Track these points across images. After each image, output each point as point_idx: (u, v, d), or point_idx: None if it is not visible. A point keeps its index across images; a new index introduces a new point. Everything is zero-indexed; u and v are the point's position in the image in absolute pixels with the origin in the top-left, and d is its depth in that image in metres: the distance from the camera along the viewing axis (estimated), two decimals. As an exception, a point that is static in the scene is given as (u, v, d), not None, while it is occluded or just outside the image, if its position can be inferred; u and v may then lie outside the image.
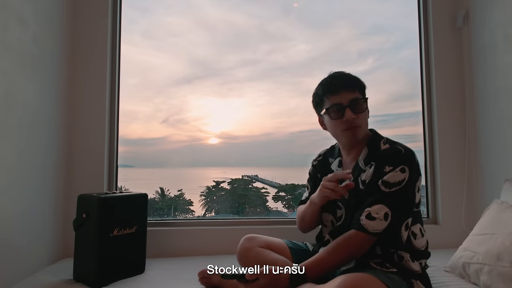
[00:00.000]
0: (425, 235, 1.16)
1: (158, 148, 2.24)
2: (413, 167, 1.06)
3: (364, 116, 1.16)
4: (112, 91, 1.90)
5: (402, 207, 1.05)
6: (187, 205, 2.29)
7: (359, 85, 1.17)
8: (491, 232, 1.32)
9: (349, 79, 1.17)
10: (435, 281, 1.33)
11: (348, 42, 2.27)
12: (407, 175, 1.04)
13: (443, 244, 1.83)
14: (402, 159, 1.06)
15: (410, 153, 1.09)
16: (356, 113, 1.12)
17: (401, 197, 1.04)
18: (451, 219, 1.92)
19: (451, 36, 2.01)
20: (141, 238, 1.51)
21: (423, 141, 2.07)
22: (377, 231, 1.01)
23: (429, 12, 2.05)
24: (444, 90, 1.99)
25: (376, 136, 1.20)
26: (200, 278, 1.32)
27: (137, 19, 2.09)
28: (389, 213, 1.02)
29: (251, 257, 1.29)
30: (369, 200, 1.06)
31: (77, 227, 1.41)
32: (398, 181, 1.04)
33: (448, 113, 1.98)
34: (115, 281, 1.39)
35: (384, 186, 1.05)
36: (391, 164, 1.06)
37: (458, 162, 1.96)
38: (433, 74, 2.01)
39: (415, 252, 1.10)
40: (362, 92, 1.18)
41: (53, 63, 1.67)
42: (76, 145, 1.81)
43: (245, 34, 2.26)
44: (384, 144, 1.15)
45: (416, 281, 1.05)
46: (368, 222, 1.02)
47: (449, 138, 1.97)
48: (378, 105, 2.26)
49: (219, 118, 2.24)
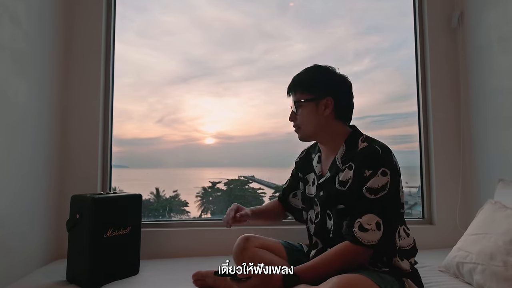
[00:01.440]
0: (410, 234, 1.16)
1: (153, 148, 2.22)
2: (392, 168, 1.06)
3: (303, 117, 1.19)
4: (106, 90, 1.89)
5: (391, 211, 1.04)
6: (183, 206, 2.27)
7: (301, 86, 1.20)
8: (484, 232, 1.32)
9: (293, 83, 1.23)
10: (429, 280, 1.33)
11: (345, 42, 2.27)
12: (389, 178, 1.03)
13: (438, 244, 1.84)
14: (380, 161, 1.05)
15: (387, 152, 1.08)
16: (295, 115, 1.20)
17: (389, 201, 1.03)
18: (446, 219, 1.92)
19: (446, 37, 2.02)
20: (135, 239, 1.50)
21: (419, 141, 2.07)
22: (373, 242, 1.00)
23: (424, 13, 2.05)
24: (439, 91, 2.00)
25: (355, 133, 1.19)
26: (195, 280, 1.32)
27: (133, 18, 2.07)
28: (380, 222, 1.00)
29: (247, 258, 1.28)
30: (357, 210, 1.04)
31: (70, 228, 1.39)
32: (382, 186, 1.03)
33: (443, 113, 1.99)
34: (109, 282, 1.38)
35: (369, 193, 1.03)
36: (371, 168, 1.05)
37: (453, 162, 1.96)
38: (429, 75, 2.01)
39: (401, 252, 1.10)
40: (307, 91, 1.18)
41: (46, 62, 1.65)
42: (70, 145, 1.79)
43: (241, 33, 2.25)
44: (362, 142, 1.14)
45: (407, 280, 1.05)
46: (362, 235, 1.00)
47: (444, 138, 1.98)
48: (375, 105, 2.26)
49: (215, 118, 2.22)
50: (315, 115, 1.18)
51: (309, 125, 1.19)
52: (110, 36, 1.90)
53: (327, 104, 1.18)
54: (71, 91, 1.81)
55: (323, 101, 1.17)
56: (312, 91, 1.18)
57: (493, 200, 1.46)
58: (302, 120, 1.19)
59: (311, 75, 1.21)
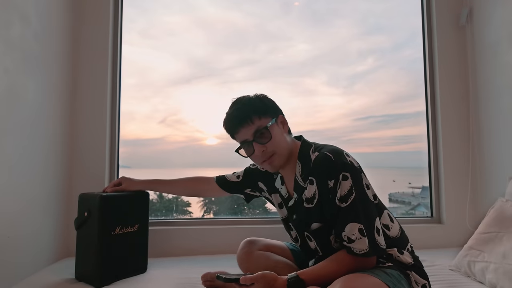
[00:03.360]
0: (394, 221, 1.12)
1: (156, 148, 2.21)
2: (349, 168, 1.02)
3: (273, 142, 1.08)
4: (113, 89, 1.89)
5: (366, 211, 1.01)
6: (185, 207, 2.27)
7: (256, 112, 1.09)
8: (496, 230, 1.32)
9: (242, 114, 1.09)
10: (440, 279, 1.32)
11: (349, 42, 2.26)
12: (350, 180, 1.01)
13: (447, 243, 1.83)
14: (336, 166, 1.01)
15: (339, 154, 1.04)
16: (264, 143, 1.08)
17: (360, 203, 1.00)
18: (455, 218, 1.90)
19: (455, 34, 1.99)
20: (143, 236, 1.49)
21: (427, 139, 2.05)
22: (364, 250, 0.97)
23: (432, 10, 2.03)
24: (448, 89, 1.97)
25: (305, 146, 1.14)
26: (204, 281, 1.27)
27: (135, 18, 2.07)
28: (362, 227, 0.98)
29: (251, 261, 1.27)
30: (338, 224, 1.01)
31: (79, 226, 1.39)
32: (348, 190, 1.00)
33: (452, 112, 1.96)
34: (117, 280, 1.37)
35: (340, 202, 1.00)
36: (331, 177, 1.02)
37: (462, 160, 1.93)
38: (437, 73, 1.99)
39: (396, 242, 1.08)
40: (264, 115, 1.10)
41: (54, 61, 1.65)
42: (78, 144, 1.80)
43: (244, 34, 2.24)
44: (313, 153, 1.10)
45: (411, 272, 1.04)
46: (353, 245, 0.98)
47: (453, 136, 1.96)
48: (378, 105, 2.25)
49: (218, 119, 2.21)
50: (282, 135, 1.12)
51: (283, 147, 1.11)
52: (117, 36, 1.91)
53: (283, 121, 1.16)
54: (79, 89, 1.81)
55: (279, 120, 1.14)
56: (267, 114, 1.11)
57: (504, 198, 1.45)
58: (276, 144, 1.09)
59: (252, 102, 1.12)
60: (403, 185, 2.55)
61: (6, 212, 1.31)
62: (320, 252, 1.12)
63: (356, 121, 2.26)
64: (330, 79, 2.27)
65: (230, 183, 1.41)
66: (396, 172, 2.72)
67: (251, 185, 1.36)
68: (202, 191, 1.50)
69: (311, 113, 2.29)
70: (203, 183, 1.47)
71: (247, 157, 1.15)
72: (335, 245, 1.08)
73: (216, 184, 1.43)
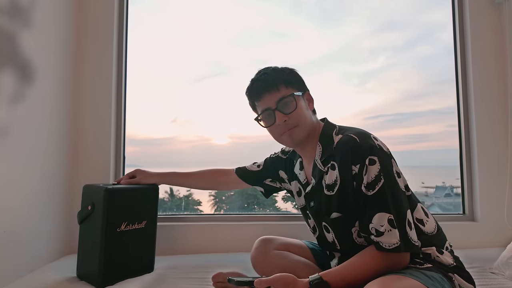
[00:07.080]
0: (430, 216, 1.01)
1: (167, 148, 2.23)
2: (378, 152, 0.92)
3: (297, 113, 1.01)
4: (118, 79, 1.88)
5: (398, 200, 0.90)
6: (196, 205, 2.28)
7: (284, 80, 1.03)
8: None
9: (270, 78, 1.03)
10: (483, 283, 1.21)
11: (360, 40, 2.23)
12: (378, 164, 0.90)
13: (482, 242, 1.69)
14: (363, 149, 0.92)
15: (366, 137, 0.94)
16: (287, 113, 1.00)
17: (390, 190, 0.90)
18: (491, 216, 1.76)
19: (490, 14, 1.79)
20: (150, 234, 1.40)
21: (458, 134, 1.92)
22: (395, 244, 0.86)
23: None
24: (482, 77, 1.79)
25: (328, 127, 1.06)
26: (215, 282, 1.15)
27: (145, 17, 2.09)
28: (392, 217, 0.87)
29: (267, 262, 1.18)
30: (365, 214, 0.91)
31: (82, 220, 1.30)
32: (376, 176, 0.90)
33: (487, 101, 1.79)
34: (121, 280, 1.27)
35: (366, 189, 0.90)
36: (355, 162, 0.92)
37: (499, 156, 1.79)
38: (469, 59, 1.81)
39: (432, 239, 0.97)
40: (291, 85, 1.03)
41: (59, 51, 1.66)
42: (81, 132, 1.77)
43: (254, 33, 2.24)
44: (336, 135, 1.02)
45: (454, 275, 0.92)
46: (381, 239, 0.87)
47: (489, 130, 1.81)
48: (390, 104, 2.22)
49: (228, 118, 2.22)
50: (307, 110, 1.05)
51: (307, 121, 1.03)
52: (122, 34, 1.91)
53: (309, 98, 1.09)
54: (83, 79, 1.80)
55: (306, 96, 1.08)
56: (295, 85, 1.05)
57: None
58: (299, 116, 1.01)
59: (281, 70, 1.07)
60: (416, 184, 2.50)
61: (6, 205, 1.26)
62: (338, 246, 1.04)
63: (366, 120, 2.24)
64: (340, 78, 2.25)
65: (250, 172, 1.35)
66: (409, 171, 2.68)
67: (271, 174, 1.30)
68: (221, 184, 1.43)
69: (321, 112, 2.26)
70: (222, 175, 1.42)
71: (265, 127, 1.07)
72: (358, 239, 0.98)
73: (236, 175, 1.38)
